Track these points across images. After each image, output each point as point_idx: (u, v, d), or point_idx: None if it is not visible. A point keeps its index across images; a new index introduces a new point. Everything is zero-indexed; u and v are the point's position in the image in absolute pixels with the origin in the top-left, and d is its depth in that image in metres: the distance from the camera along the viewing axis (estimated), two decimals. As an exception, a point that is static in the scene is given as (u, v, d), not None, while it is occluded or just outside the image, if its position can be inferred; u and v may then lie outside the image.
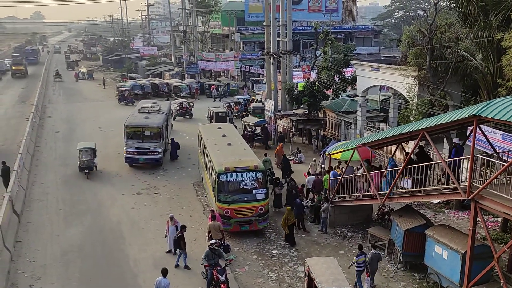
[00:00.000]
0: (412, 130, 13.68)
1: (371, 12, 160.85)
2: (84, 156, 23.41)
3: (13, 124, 35.15)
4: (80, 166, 23.42)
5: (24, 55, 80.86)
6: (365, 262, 13.59)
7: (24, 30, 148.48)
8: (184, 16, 59.96)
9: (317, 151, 27.65)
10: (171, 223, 15.73)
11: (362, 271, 13.69)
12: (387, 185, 15.40)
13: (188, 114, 38.26)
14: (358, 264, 13.61)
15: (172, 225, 15.69)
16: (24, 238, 16.93)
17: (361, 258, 13.61)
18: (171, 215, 15.96)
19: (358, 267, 13.64)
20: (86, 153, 23.47)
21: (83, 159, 23.33)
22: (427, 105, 20.49)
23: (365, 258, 13.60)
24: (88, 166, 23.32)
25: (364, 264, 13.61)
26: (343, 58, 32.39)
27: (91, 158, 23.45)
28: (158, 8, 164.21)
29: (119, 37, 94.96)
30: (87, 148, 23.66)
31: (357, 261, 13.59)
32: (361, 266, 13.63)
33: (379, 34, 77.78)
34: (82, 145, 24.02)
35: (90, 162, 23.37)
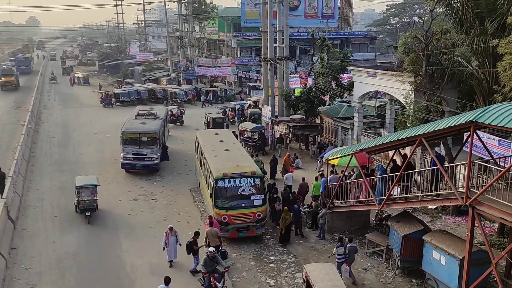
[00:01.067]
0: (409, 136, 13.71)
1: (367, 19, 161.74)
2: (85, 195, 18.90)
3: (8, 129, 34.96)
4: (80, 207, 18.87)
5: (15, 63, 71.73)
6: (345, 254, 14.38)
7: (19, 35, 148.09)
8: (180, 22, 60.05)
9: (314, 157, 27.65)
10: (171, 233, 15.40)
11: (342, 262, 14.41)
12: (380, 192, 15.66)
13: (179, 121, 37.89)
14: (339, 255, 14.35)
15: (172, 236, 15.38)
16: (20, 245, 16.79)
17: (341, 249, 14.40)
18: (170, 226, 15.66)
19: (339, 259, 14.37)
20: (87, 191, 18.96)
21: (84, 199, 18.82)
22: (423, 111, 20.58)
23: (344, 250, 14.40)
24: (89, 208, 18.87)
25: (344, 256, 14.38)
26: (339, 64, 32.51)
27: (92, 197, 19.01)
28: (155, 14, 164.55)
29: (115, 43, 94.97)
30: (88, 186, 19.13)
31: (337, 252, 14.36)
32: (341, 257, 14.38)
33: (375, 40, 78.18)
34: (82, 181, 19.36)
35: (91, 202, 18.94)
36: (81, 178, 19.96)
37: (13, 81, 55.73)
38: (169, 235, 15.37)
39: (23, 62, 75.30)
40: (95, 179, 19.91)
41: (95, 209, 19.12)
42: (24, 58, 78.06)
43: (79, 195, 18.94)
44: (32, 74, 72.24)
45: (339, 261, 14.37)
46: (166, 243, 15.41)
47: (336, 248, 14.54)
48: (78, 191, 18.99)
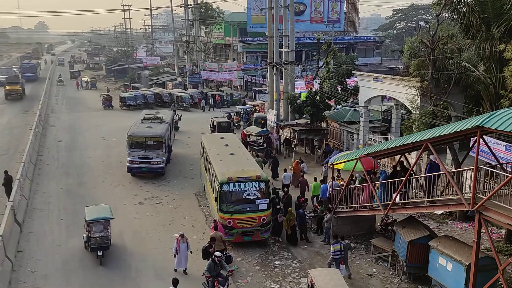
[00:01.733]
0: (415, 141, 13.66)
1: (373, 23, 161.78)
2: (96, 230, 15.94)
3: (16, 133, 35.25)
4: (91, 245, 15.99)
5: (21, 70, 68.33)
6: (341, 251, 14.74)
7: (28, 40, 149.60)
8: (187, 27, 60.37)
9: (319, 162, 27.60)
10: (182, 240, 15.05)
11: (338, 259, 14.76)
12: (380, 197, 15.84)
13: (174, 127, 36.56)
14: (335, 251, 14.70)
15: (183, 243, 15.06)
16: (26, 248, 16.88)
17: (336, 246, 14.77)
18: (181, 233, 15.39)
19: (334, 255, 14.73)
20: (99, 226, 16.04)
21: (96, 236, 15.85)
22: (429, 116, 20.47)
23: (340, 247, 14.76)
24: (102, 246, 15.93)
25: (340, 253, 14.74)
26: (345, 68, 32.50)
27: (105, 232, 16.05)
28: (162, 19, 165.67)
29: (123, 47, 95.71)
30: (100, 219, 16.16)
31: (334, 249, 14.70)
32: (337, 255, 14.74)
33: (381, 45, 78.22)
34: (93, 214, 16.26)
35: (104, 238, 15.96)
36: (92, 210, 16.69)
37: (18, 90, 51.97)
38: (180, 242, 15.01)
39: (28, 68, 70.80)
40: (108, 210, 16.76)
41: (108, 247, 16.08)
42: (30, 65, 73.14)
43: (90, 230, 15.94)
44: (39, 81, 68.73)
45: (335, 258, 14.76)
46: (177, 250, 14.98)
47: (332, 245, 14.98)
48: (89, 225, 15.95)
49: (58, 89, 63.38)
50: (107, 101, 48.24)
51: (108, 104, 48.03)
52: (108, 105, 48.00)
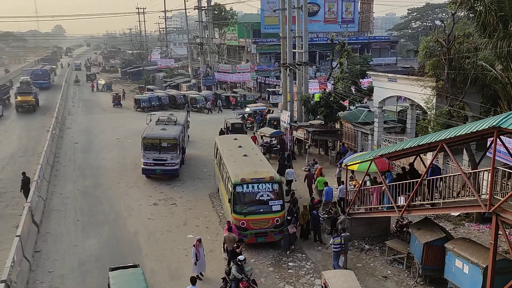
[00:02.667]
0: (430, 142, 13.50)
1: (388, 23, 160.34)
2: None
3: (34, 135, 35.86)
4: None
5: (32, 77, 60.30)
6: (341, 244, 15.29)
7: (45, 43, 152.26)
8: (201, 29, 60.71)
9: (333, 163, 27.47)
10: (200, 245, 14.89)
11: (338, 251, 15.28)
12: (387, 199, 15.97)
13: None
14: (335, 245, 15.26)
15: (201, 247, 14.94)
16: (43, 248, 17.15)
17: (337, 239, 15.30)
18: (199, 238, 15.21)
19: (335, 248, 15.28)
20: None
21: None
22: (445, 116, 20.23)
23: (341, 240, 15.29)
24: None
25: (340, 246, 15.28)
26: (359, 69, 32.28)
27: None
28: (176, 21, 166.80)
29: (137, 50, 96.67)
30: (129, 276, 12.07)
31: (334, 242, 15.27)
32: (338, 247, 15.27)
33: (396, 45, 77.50)
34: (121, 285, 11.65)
35: None
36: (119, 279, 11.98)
37: (31, 101, 46.50)
38: (198, 247, 14.84)
39: (41, 75, 64.50)
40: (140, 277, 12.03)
41: None
42: (43, 71, 66.56)
43: None
44: (54, 89, 63.67)
45: (335, 251, 15.31)
46: (197, 255, 14.75)
47: (333, 238, 15.48)
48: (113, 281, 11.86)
49: (74, 91, 64.36)
50: (116, 99, 51.99)
51: (117, 103, 51.67)
52: (117, 104, 51.58)
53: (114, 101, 51.77)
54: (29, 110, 46.06)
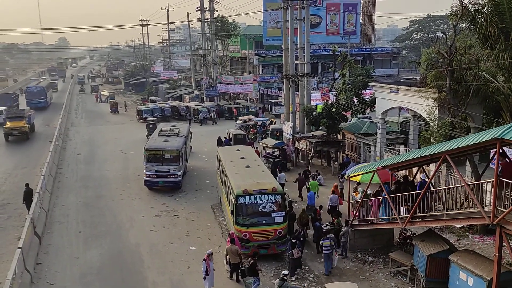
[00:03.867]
0: (433, 153, 13.46)
1: (390, 34, 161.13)
2: None
3: (37, 146, 35.94)
4: None
5: (26, 96, 55.76)
6: (331, 245, 15.79)
7: (49, 55, 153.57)
8: (203, 40, 61.12)
9: (336, 174, 27.40)
10: (210, 259, 14.54)
11: (329, 253, 15.84)
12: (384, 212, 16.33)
13: None
14: (325, 247, 15.78)
15: (211, 261, 14.60)
16: (45, 260, 17.08)
17: (326, 242, 15.80)
18: (210, 251, 14.85)
19: (326, 251, 15.82)
20: None
21: None
22: (448, 127, 20.19)
23: (330, 242, 15.78)
24: None
25: (330, 247, 15.77)
26: (361, 80, 32.36)
27: None
28: (179, 33, 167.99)
29: (141, 61, 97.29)
30: None
31: (323, 245, 15.80)
32: (328, 249, 15.79)
33: (397, 56, 77.78)
34: None
35: None
36: None
37: (23, 127, 37.77)
38: (209, 261, 14.46)
39: (36, 93, 56.12)
40: None
41: None
42: (38, 89, 57.57)
43: None
44: (52, 109, 55.94)
45: (326, 253, 15.83)
46: (207, 270, 14.33)
47: (322, 240, 16.04)
48: None
49: (77, 102, 64.69)
50: (113, 106, 55.81)
51: (114, 110, 55.33)
52: (114, 110, 55.22)
53: (111, 108, 55.60)
54: (21, 138, 37.73)
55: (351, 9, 67.84)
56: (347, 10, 67.43)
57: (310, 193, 21.39)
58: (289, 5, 30.78)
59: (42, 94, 56.68)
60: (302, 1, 30.86)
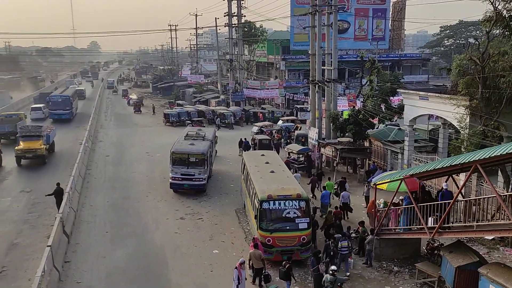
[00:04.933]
0: (464, 162, 13.13)
1: (419, 40, 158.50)
2: None
3: (67, 148, 36.87)
4: None
5: (49, 106, 49.81)
6: (348, 247, 15.82)
7: (81, 59, 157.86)
8: (231, 46, 61.62)
9: (362, 181, 27.05)
10: (242, 267, 14.41)
11: (346, 254, 15.75)
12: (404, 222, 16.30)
13: None
14: (343, 248, 15.78)
15: (243, 269, 14.48)
16: (72, 259, 17.46)
17: (344, 242, 15.85)
18: (242, 260, 14.66)
19: (343, 251, 15.85)
20: None
21: None
22: (479, 136, 19.67)
23: (348, 243, 15.82)
24: None
25: (347, 248, 15.75)
26: (389, 86, 31.90)
27: None
28: (206, 38, 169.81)
29: (169, 66, 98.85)
30: None
31: (342, 246, 15.75)
32: (345, 250, 15.77)
33: (427, 63, 76.34)
34: None
35: None
36: None
37: (39, 149, 30.74)
38: (241, 269, 14.26)
39: (60, 103, 49.63)
40: None
41: None
42: (63, 98, 50.56)
43: None
44: (77, 121, 49.94)
45: (343, 254, 15.79)
46: (239, 279, 14.09)
47: (340, 241, 15.88)
48: None
49: (107, 105, 66.10)
50: (136, 107, 59.88)
51: (137, 110, 59.20)
52: (137, 110, 59.09)
53: (134, 108, 59.67)
54: (37, 162, 30.96)
55: (380, 15, 67.06)
56: (376, 15, 66.69)
57: (325, 192, 21.82)
58: (317, 10, 30.72)
59: (67, 104, 50.09)
60: (330, 7, 30.74)
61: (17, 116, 42.60)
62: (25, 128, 33.49)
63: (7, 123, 38.73)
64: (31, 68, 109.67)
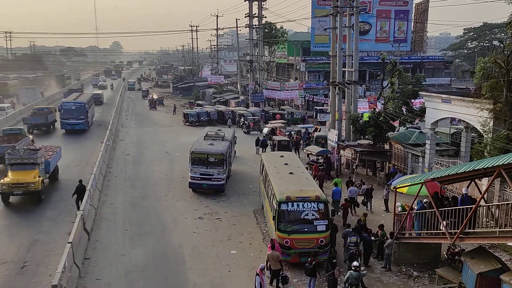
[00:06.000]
0: (487, 166, 12.87)
1: (442, 42, 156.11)
2: None
3: (89, 146, 37.51)
4: None
5: (62, 114, 42.05)
6: (357, 243, 16.02)
7: (103, 59, 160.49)
8: (251, 46, 61.73)
9: (381, 184, 26.76)
10: (263, 273, 14.32)
11: (354, 252, 15.74)
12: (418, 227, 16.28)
13: None
14: (351, 243, 15.99)
15: (264, 275, 14.39)
16: (92, 256, 17.74)
17: (353, 238, 16.11)
18: (262, 266, 14.58)
19: (351, 247, 16.00)
20: None
21: None
22: (503, 140, 19.26)
23: (356, 240, 16.03)
24: None
25: (355, 245, 15.96)
26: (411, 89, 31.49)
27: None
28: (227, 39, 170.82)
29: (189, 66, 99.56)
30: None
31: (350, 241, 15.97)
32: (353, 246, 15.97)
33: (450, 65, 75.06)
34: None
35: None
36: None
37: (31, 182, 22.84)
38: (262, 275, 14.13)
39: (74, 112, 42.21)
40: None
41: None
42: (77, 105, 42.71)
43: None
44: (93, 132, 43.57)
45: (350, 248, 15.94)
46: (261, 285, 13.97)
47: (349, 237, 16.22)
48: None
49: (128, 105, 67.01)
50: (151, 103, 62.02)
51: (153, 106, 61.43)
52: (152, 107, 61.35)
53: (150, 105, 61.87)
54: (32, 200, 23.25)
55: (402, 16, 66.27)
56: (398, 17, 65.94)
57: (335, 189, 22.32)
58: (338, 11, 30.52)
59: (81, 112, 42.62)
60: (352, 8, 30.52)
61: (48, 109, 46.06)
62: (15, 153, 23.77)
63: (39, 116, 43.03)
64: (55, 68, 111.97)
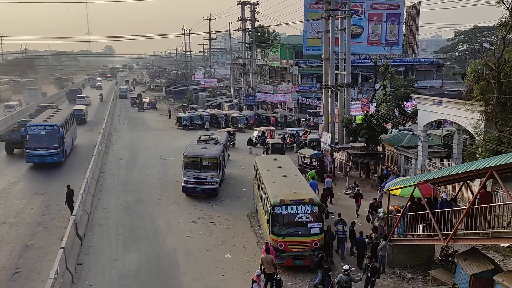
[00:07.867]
0: (479, 168, 12.95)
1: (433, 45, 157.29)
2: None
3: (81, 150, 37.27)
4: None
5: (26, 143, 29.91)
6: (344, 231, 17.14)
7: (95, 62, 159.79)
8: (244, 50, 61.84)
9: (375, 186, 26.85)
10: (260, 279, 14.18)
11: (342, 238, 17.17)
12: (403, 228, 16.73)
13: None
14: (339, 231, 17.14)
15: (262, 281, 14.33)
16: (85, 261, 17.58)
17: (340, 226, 17.26)
18: (259, 272, 14.39)
19: (340, 235, 17.26)
20: None
21: None
22: (495, 142, 19.41)
23: (343, 228, 17.19)
24: None
25: (343, 232, 17.15)
26: (403, 91, 31.69)
27: None
28: (220, 42, 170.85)
29: (182, 70, 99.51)
30: None
31: (338, 229, 17.05)
32: (341, 234, 17.18)
33: (441, 68, 75.67)
34: None
35: None
36: None
37: None
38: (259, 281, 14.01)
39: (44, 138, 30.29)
40: None
41: None
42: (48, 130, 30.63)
43: None
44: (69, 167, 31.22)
45: (340, 237, 17.13)
46: None
47: (336, 225, 17.37)
48: None
49: (121, 109, 66.73)
50: (139, 105, 64.52)
51: (141, 108, 63.83)
52: (140, 109, 63.65)
53: (138, 106, 64.20)
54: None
55: (393, 19, 66.72)
56: (389, 20, 66.37)
57: (312, 182, 23.02)
58: (330, 15, 30.67)
59: (53, 138, 30.52)
60: (344, 12, 30.67)
61: (50, 107, 49.20)
62: None
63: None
64: (46, 72, 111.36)
